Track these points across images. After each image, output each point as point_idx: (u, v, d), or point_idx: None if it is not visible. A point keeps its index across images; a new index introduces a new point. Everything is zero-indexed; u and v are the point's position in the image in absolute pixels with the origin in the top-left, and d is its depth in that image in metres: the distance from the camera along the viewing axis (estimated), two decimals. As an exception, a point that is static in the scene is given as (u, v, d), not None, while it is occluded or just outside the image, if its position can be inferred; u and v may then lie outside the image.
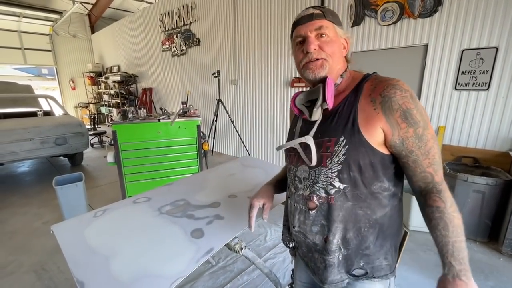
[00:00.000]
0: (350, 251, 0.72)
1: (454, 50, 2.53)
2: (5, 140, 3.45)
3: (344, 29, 0.73)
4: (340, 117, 0.69)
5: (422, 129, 0.63)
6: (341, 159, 0.67)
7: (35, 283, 1.88)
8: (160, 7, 6.10)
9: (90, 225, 1.07)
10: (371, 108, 0.65)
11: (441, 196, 0.64)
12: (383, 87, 0.65)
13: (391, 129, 0.64)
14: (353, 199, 0.69)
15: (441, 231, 0.63)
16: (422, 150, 0.64)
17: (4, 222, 2.73)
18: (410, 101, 0.63)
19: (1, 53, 8.37)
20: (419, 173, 0.66)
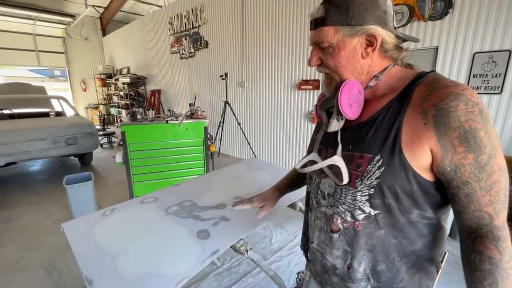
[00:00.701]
0: (382, 284, 0.62)
1: (465, 53, 2.48)
2: (19, 140, 3.55)
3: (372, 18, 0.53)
4: (378, 129, 0.56)
5: (488, 157, 0.48)
6: (374, 183, 0.55)
7: (45, 279, 1.92)
8: (169, 10, 6.20)
9: (98, 224, 1.09)
10: (420, 122, 0.51)
11: (498, 245, 0.48)
12: (441, 96, 0.49)
13: (443, 152, 0.49)
14: (387, 228, 0.58)
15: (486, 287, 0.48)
16: (482, 184, 0.48)
17: (16, 219, 2.81)
18: (478, 118, 0.47)
19: (17, 55, 8.66)
20: (473, 212, 0.50)
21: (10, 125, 3.71)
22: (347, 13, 0.53)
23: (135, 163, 2.79)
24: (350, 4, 0.53)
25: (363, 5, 0.53)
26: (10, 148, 3.50)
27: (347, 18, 0.54)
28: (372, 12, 0.53)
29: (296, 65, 3.89)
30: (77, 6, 8.29)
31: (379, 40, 0.55)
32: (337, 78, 0.60)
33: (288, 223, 2.67)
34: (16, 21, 8.24)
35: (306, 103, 3.87)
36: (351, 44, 0.56)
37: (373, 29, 0.54)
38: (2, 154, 3.46)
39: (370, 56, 0.57)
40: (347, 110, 0.57)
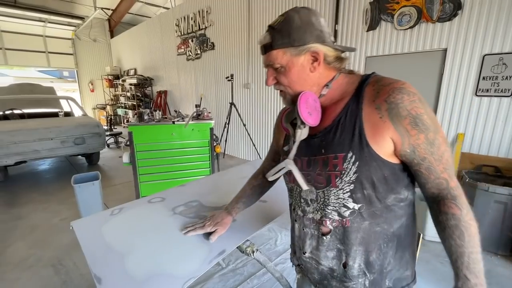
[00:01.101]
0: (376, 275, 0.67)
1: (474, 55, 2.45)
2: (29, 139, 3.62)
3: (311, 38, 0.61)
4: (344, 129, 0.63)
5: (434, 134, 0.58)
6: (353, 178, 0.61)
7: (53, 277, 1.95)
8: (176, 12, 6.27)
9: (107, 223, 1.10)
10: (376, 117, 0.59)
11: (457, 203, 0.59)
12: (387, 92, 0.58)
13: (401, 137, 0.58)
14: (370, 218, 0.64)
15: (456, 241, 0.58)
16: (435, 156, 0.59)
17: (25, 217, 2.86)
18: (419, 105, 0.57)
19: (27, 56, 8.85)
20: (433, 180, 0.60)
21: (21, 124, 3.79)
22: (289, 36, 0.61)
23: (142, 163, 2.82)
24: (289, 29, 0.61)
25: (301, 28, 0.61)
26: (20, 147, 3.58)
27: (290, 40, 0.62)
28: (310, 33, 0.61)
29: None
30: (87, 8, 8.45)
31: (322, 55, 0.63)
32: (292, 92, 0.67)
33: (293, 225, 2.66)
34: (27, 23, 8.45)
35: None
36: (299, 62, 0.63)
37: (314, 47, 0.62)
38: (13, 153, 3.54)
39: (317, 70, 0.65)
40: (308, 118, 0.64)
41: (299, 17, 0.61)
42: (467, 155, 2.56)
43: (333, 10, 3.38)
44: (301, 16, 0.61)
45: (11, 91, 5.00)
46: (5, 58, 8.48)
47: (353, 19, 3.22)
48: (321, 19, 0.63)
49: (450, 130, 2.70)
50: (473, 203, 2.20)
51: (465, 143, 2.61)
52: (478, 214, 2.21)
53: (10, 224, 2.72)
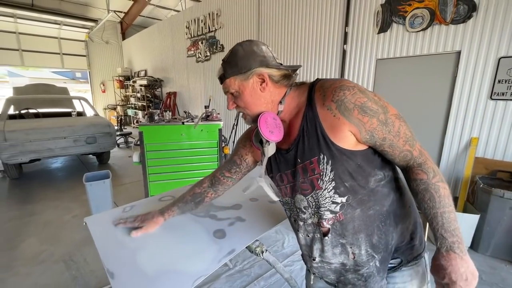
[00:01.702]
0: (383, 253, 0.72)
1: (490, 58, 2.40)
2: (43, 138, 3.73)
3: (255, 63, 0.70)
4: (309, 136, 0.69)
5: (384, 114, 0.64)
6: (331, 176, 0.67)
7: (64, 272, 1.99)
8: (187, 15, 6.36)
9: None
10: (331, 117, 0.65)
11: (423, 168, 0.65)
12: (331, 93, 0.65)
13: (357, 127, 0.64)
14: (359, 205, 0.69)
15: (428, 203, 0.62)
16: (393, 133, 0.64)
17: (39, 214, 2.94)
18: (361, 95, 0.63)
19: (43, 57, 9.13)
20: (399, 154, 0.66)
21: (36, 123, 3.90)
22: (236, 66, 0.71)
23: (151, 163, 2.86)
24: (236, 60, 0.71)
25: (245, 58, 0.70)
26: (35, 145, 3.68)
27: (238, 69, 0.71)
28: (254, 60, 0.70)
29: (310, 68, 3.88)
30: (100, 11, 8.67)
31: (267, 76, 0.71)
32: (250, 113, 0.75)
33: (301, 228, 2.64)
34: (43, 25, 8.73)
35: (321, 107, 3.83)
36: (249, 85, 0.72)
37: (258, 70, 0.70)
38: (28, 151, 3.64)
39: (267, 89, 0.72)
40: (270, 136, 0.71)
41: (243, 49, 0.71)
42: (481, 160, 2.49)
43: (344, 13, 3.36)
44: (244, 47, 0.71)
45: (27, 91, 5.16)
46: (21, 59, 8.77)
47: (364, 21, 3.19)
48: (262, 47, 0.72)
49: (463, 134, 2.64)
50: (487, 209, 2.14)
51: (479, 147, 2.54)
52: (493, 220, 2.15)
53: (24, 220, 2.79)
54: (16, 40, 8.54)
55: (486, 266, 2.09)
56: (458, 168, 2.70)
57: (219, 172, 0.99)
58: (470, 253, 2.23)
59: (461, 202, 2.41)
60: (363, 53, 3.27)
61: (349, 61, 3.43)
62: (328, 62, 3.65)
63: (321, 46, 3.70)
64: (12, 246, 2.32)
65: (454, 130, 2.68)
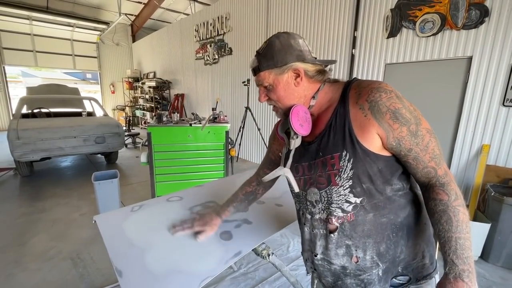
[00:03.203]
0: (388, 263, 0.70)
1: (502, 64, 2.35)
2: (54, 137, 3.81)
3: (291, 58, 0.69)
4: (335, 131, 0.68)
5: (415, 126, 0.62)
6: (350, 174, 0.66)
7: (71, 270, 2.02)
8: (196, 18, 6.45)
9: (128, 219, 1.14)
10: (362, 116, 0.64)
11: (445, 189, 0.62)
12: (367, 93, 0.64)
13: (385, 132, 0.62)
14: (373, 210, 0.68)
15: (444, 225, 0.60)
16: (420, 146, 0.62)
17: (48, 211, 3.00)
18: (397, 101, 0.62)
19: (55, 58, 9.38)
20: (422, 169, 0.64)
21: (47, 123, 4.00)
22: (272, 59, 0.70)
23: (159, 163, 2.89)
24: (272, 53, 0.70)
25: (282, 51, 0.69)
26: (46, 144, 3.76)
27: (274, 62, 0.70)
28: (290, 54, 0.69)
29: (319, 72, 3.87)
30: (111, 14, 8.87)
31: (302, 71, 0.70)
32: (282, 107, 0.75)
33: (306, 232, 2.62)
34: (57, 28, 8.97)
35: (328, 111, 3.82)
36: (284, 79, 0.71)
37: (295, 65, 0.70)
38: (39, 149, 3.73)
39: (301, 84, 0.72)
40: (300, 129, 0.70)
41: (280, 42, 0.70)
42: (493, 167, 2.44)
43: (353, 17, 3.36)
44: (281, 40, 0.70)
45: (40, 91, 5.29)
46: (35, 60, 9.02)
47: (373, 25, 3.18)
48: (299, 40, 0.71)
49: (474, 141, 2.59)
50: (499, 218, 2.09)
51: (491, 155, 2.49)
52: (504, 230, 2.09)
53: (34, 216, 2.85)
54: (30, 42, 8.80)
55: (497, 277, 2.03)
56: (468, 176, 2.65)
57: (261, 170, 1.03)
58: (480, 263, 2.18)
59: (472, 210, 2.36)
60: (371, 58, 3.25)
61: (357, 65, 3.42)
62: (336, 66, 3.65)
63: (330, 50, 3.70)
64: (22, 242, 2.37)
65: (465, 136, 2.64)
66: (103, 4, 8.51)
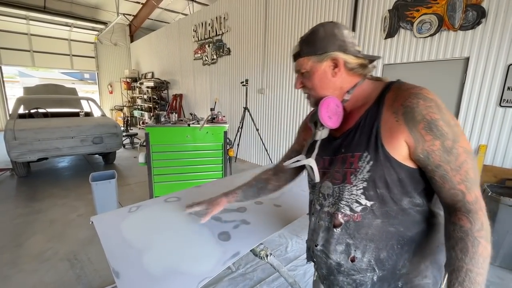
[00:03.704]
0: (386, 272, 0.67)
1: (499, 65, 2.37)
2: (51, 137, 3.79)
3: (333, 47, 0.67)
4: (362, 131, 0.66)
5: (452, 142, 0.56)
6: (366, 176, 0.64)
7: (68, 271, 2.01)
8: (194, 18, 6.44)
9: (125, 219, 1.13)
10: (393, 120, 0.61)
11: (470, 216, 0.55)
12: (405, 97, 0.60)
13: (415, 142, 0.58)
14: (383, 217, 0.65)
15: (457, 253, 0.54)
16: (452, 165, 0.56)
17: (45, 211, 2.98)
18: (435, 111, 0.57)
19: (53, 58, 9.33)
20: (448, 190, 0.58)
21: (44, 123, 3.97)
22: (313, 46, 0.70)
23: (157, 163, 2.88)
24: (315, 39, 0.69)
25: (324, 39, 0.68)
26: (43, 144, 3.74)
27: (314, 49, 0.69)
28: (332, 43, 0.68)
29: (317, 73, 3.88)
30: (109, 14, 8.84)
31: (341, 62, 0.68)
32: (315, 95, 0.74)
33: (305, 233, 2.61)
34: (54, 27, 8.93)
35: (326, 112, 3.83)
36: (321, 68, 0.70)
37: (334, 54, 0.68)
38: (36, 149, 3.70)
39: (339, 75, 0.70)
40: (328, 121, 0.70)
41: (324, 30, 0.69)
42: (490, 167, 2.45)
43: (351, 17, 3.37)
44: (326, 28, 0.69)
45: (37, 91, 5.26)
46: (32, 60, 8.96)
47: (371, 26, 3.19)
48: (344, 31, 0.69)
49: (471, 141, 2.60)
50: (496, 218, 2.10)
51: (488, 155, 2.51)
52: (501, 229, 2.10)
53: (31, 217, 2.83)
54: (28, 41, 8.74)
55: (495, 276, 2.04)
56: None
57: (281, 161, 1.02)
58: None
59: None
60: (369, 58, 3.26)
61: (355, 66, 3.42)
62: (334, 67, 3.65)
63: (328, 50, 3.71)
64: (19, 243, 2.35)
65: (462, 137, 2.65)
66: (101, 4, 8.48)
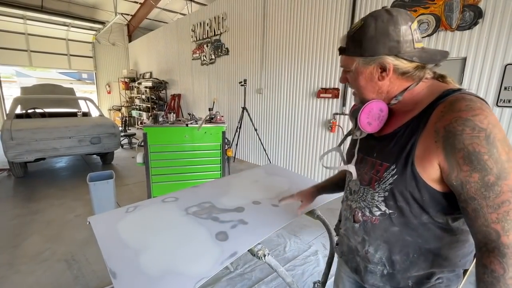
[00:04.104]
0: (395, 272, 0.69)
1: (496, 65, 2.38)
2: (49, 137, 3.77)
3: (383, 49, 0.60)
4: (397, 142, 0.63)
5: (495, 178, 0.50)
6: (387, 188, 0.64)
7: (65, 271, 2.00)
8: (193, 18, 6.43)
9: (122, 220, 1.13)
10: (432, 140, 0.56)
11: (503, 261, 0.50)
12: (450, 120, 0.53)
13: (449, 168, 0.54)
14: (401, 226, 0.65)
15: None
16: (490, 202, 0.51)
17: (42, 212, 2.96)
18: (483, 143, 0.50)
19: (50, 58, 9.28)
20: (480, 226, 0.53)
21: (42, 123, 3.95)
22: (360, 46, 0.62)
23: (155, 164, 2.87)
24: (362, 38, 0.61)
25: (374, 39, 0.60)
26: (41, 144, 3.72)
27: (361, 50, 0.63)
28: (383, 44, 0.59)
29: (315, 73, 3.89)
30: (107, 13, 8.81)
31: (391, 67, 0.61)
32: (359, 95, 0.70)
33: (303, 232, 2.63)
34: (52, 27, 8.88)
35: (325, 111, 3.84)
36: (367, 71, 0.64)
37: (383, 59, 0.61)
38: (33, 150, 3.68)
39: (387, 79, 0.63)
40: (367, 127, 0.68)
41: (375, 26, 0.59)
42: (487, 167, 2.46)
43: (349, 18, 3.38)
44: (378, 24, 0.59)
45: (35, 91, 5.23)
46: (29, 60, 8.91)
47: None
48: (402, 27, 0.58)
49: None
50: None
51: (485, 154, 2.52)
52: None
53: (28, 218, 2.82)
54: (25, 41, 8.69)
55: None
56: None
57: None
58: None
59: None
60: (367, 58, 3.27)
61: (353, 66, 3.43)
62: (332, 67, 3.66)
63: (326, 50, 3.71)
64: (16, 244, 2.34)
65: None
66: (99, 3, 8.45)
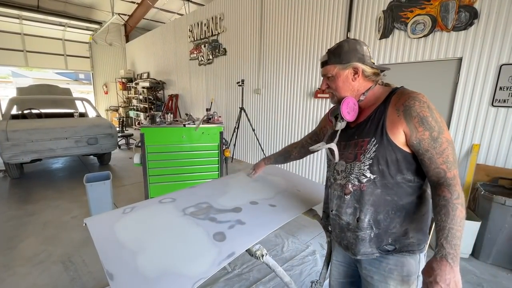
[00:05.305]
0: (380, 231, 0.88)
1: (491, 65, 2.40)
2: (45, 138, 3.74)
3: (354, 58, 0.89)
4: (372, 123, 0.87)
5: (437, 133, 0.77)
6: (372, 155, 0.85)
7: (62, 273, 1.98)
8: (190, 18, 6.42)
9: (119, 221, 1.12)
10: (395, 115, 0.82)
11: (450, 189, 0.75)
12: (405, 99, 0.81)
13: (410, 131, 0.79)
14: (382, 187, 0.85)
15: (442, 216, 0.73)
16: (437, 150, 0.77)
17: (39, 213, 2.94)
18: (427, 110, 0.78)
19: (47, 58, 9.22)
20: (433, 169, 0.79)
21: (38, 124, 3.92)
22: (339, 57, 0.91)
23: (152, 164, 2.86)
24: (340, 52, 0.90)
25: (348, 52, 0.89)
26: (37, 145, 3.69)
27: (340, 59, 0.91)
28: (354, 55, 0.89)
29: (313, 73, 3.90)
30: (104, 13, 8.77)
31: (360, 70, 0.90)
32: (338, 95, 0.95)
33: (300, 232, 2.63)
34: (48, 27, 8.82)
35: (322, 111, 3.85)
36: (344, 74, 0.91)
37: (355, 64, 0.90)
38: (29, 151, 3.65)
39: (357, 80, 0.92)
40: (347, 116, 0.91)
41: (348, 45, 0.90)
42: (483, 166, 2.48)
43: (346, 18, 3.39)
44: (349, 44, 0.90)
45: (31, 91, 5.19)
46: (26, 60, 8.84)
47: (366, 27, 3.22)
48: (364, 47, 0.90)
49: (464, 141, 2.64)
50: (488, 217, 2.13)
51: (481, 154, 2.54)
52: (494, 227, 2.13)
53: (24, 219, 2.79)
54: (21, 41, 8.62)
55: (487, 274, 2.07)
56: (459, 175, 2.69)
57: (304, 138, 1.35)
58: (471, 260, 2.22)
59: (462, 208, 2.40)
60: (364, 59, 3.28)
61: (350, 66, 3.44)
62: (329, 67, 3.67)
63: (323, 51, 3.72)
64: (12, 246, 2.31)
65: (456, 136, 2.68)
66: (96, 3, 8.40)
